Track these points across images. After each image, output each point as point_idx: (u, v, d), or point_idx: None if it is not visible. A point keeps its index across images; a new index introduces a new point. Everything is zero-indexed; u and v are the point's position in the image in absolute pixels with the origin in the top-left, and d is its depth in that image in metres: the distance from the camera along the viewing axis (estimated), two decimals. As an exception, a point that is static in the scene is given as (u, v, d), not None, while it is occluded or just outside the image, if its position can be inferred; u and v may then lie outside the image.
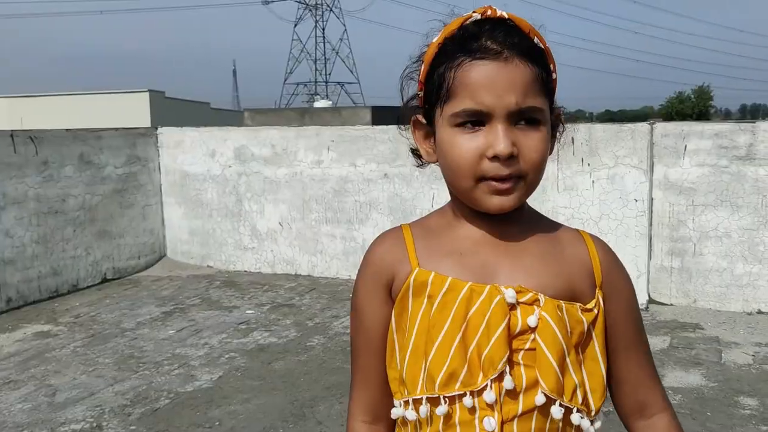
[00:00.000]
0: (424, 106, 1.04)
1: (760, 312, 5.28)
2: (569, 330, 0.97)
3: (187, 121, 7.39)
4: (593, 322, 1.01)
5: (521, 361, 0.96)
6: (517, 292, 0.97)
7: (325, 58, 69.33)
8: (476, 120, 0.96)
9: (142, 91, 29.21)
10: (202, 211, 7.21)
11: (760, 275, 5.27)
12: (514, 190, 0.97)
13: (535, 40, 0.98)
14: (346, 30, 70.20)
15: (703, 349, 4.64)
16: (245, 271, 7.05)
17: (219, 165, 7.08)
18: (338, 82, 69.49)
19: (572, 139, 5.57)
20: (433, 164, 1.08)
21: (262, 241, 7.00)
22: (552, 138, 1.05)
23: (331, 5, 69.06)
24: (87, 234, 6.52)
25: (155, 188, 7.30)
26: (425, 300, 1.00)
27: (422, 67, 1.03)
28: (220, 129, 7.14)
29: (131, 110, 25.73)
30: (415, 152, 1.10)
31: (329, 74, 69.80)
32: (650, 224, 5.52)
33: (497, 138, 0.94)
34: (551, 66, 1.01)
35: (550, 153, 1.06)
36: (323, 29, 69.31)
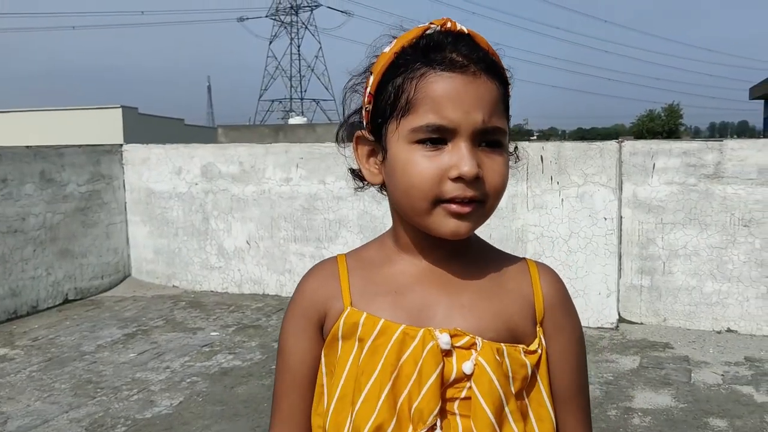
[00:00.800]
0: (370, 121, 0.93)
1: (729, 330, 5.27)
2: (510, 376, 0.89)
3: (161, 138, 7.26)
4: (537, 364, 0.92)
5: (456, 411, 0.88)
6: (452, 336, 0.88)
7: (300, 75, 69.39)
8: (437, 137, 0.86)
9: (114, 107, 28.86)
10: (168, 229, 7.06)
11: (729, 293, 5.26)
12: (472, 216, 0.88)
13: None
14: (321, 47, 70.36)
15: (673, 368, 4.60)
16: (211, 291, 6.90)
17: (185, 182, 6.94)
18: (313, 99, 69.49)
19: (541, 157, 5.57)
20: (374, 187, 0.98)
21: (229, 260, 6.86)
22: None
23: (306, 23, 69.27)
24: (48, 253, 6.33)
25: (120, 206, 7.14)
26: (356, 343, 0.91)
27: (371, 79, 0.92)
28: (187, 146, 7.01)
29: (104, 127, 25.38)
30: (354, 172, 1.00)
31: (304, 91, 69.84)
32: (620, 242, 5.50)
33: (462, 158, 0.85)
34: (510, 88, 0.94)
35: None
36: (298, 46, 69.45)
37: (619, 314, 5.54)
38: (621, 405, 4.00)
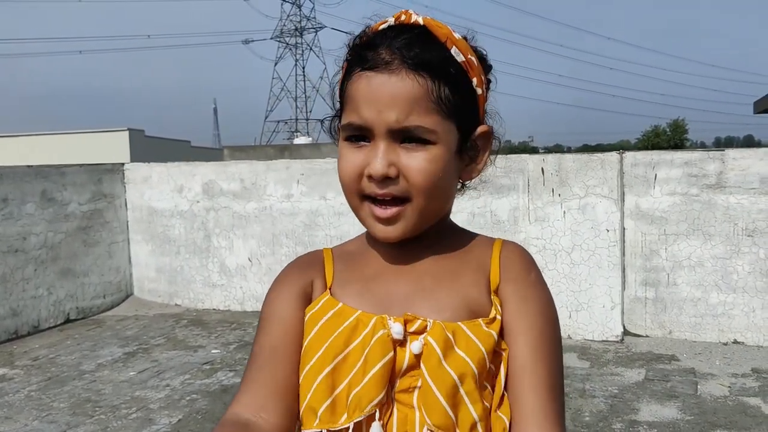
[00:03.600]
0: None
1: (735, 342, 5.19)
2: (467, 354, 0.84)
3: (167, 160, 7.26)
4: (500, 334, 0.88)
5: (415, 404, 0.84)
6: (406, 322, 0.86)
7: (305, 95, 69.77)
8: (360, 135, 0.88)
9: (121, 129, 29.07)
10: (170, 247, 7.05)
11: (735, 304, 5.19)
12: (398, 219, 0.89)
13: (453, 50, 0.89)
14: (326, 68, 70.77)
15: (679, 381, 4.53)
16: (213, 309, 6.87)
17: (187, 200, 6.94)
18: (319, 119, 69.26)
19: (542, 169, 5.54)
20: None
21: (231, 277, 6.84)
22: (476, 158, 0.95)
23: (311, 44, 69.76)
24: (49, 273, 6.32)
25: (121, 225, 7.14)
26: (318, 322, 0.91)
27: (339, 78, 0.95)
28: (188, 164, 7.02)
29: (111, 149, 25.55)
30: None
31: (310, 111, 70.14)
32: (623, 254, 5.45)
33: (375, 157, 0.87)
34: (475, 80, 0.91)
35: (475, 175, 0.96)
36: (303, 68, 69.89)
37: (623, 327, 5.48)
38: (626, 418, 3.94)
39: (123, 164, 7.30)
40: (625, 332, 5.48)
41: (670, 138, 51.31)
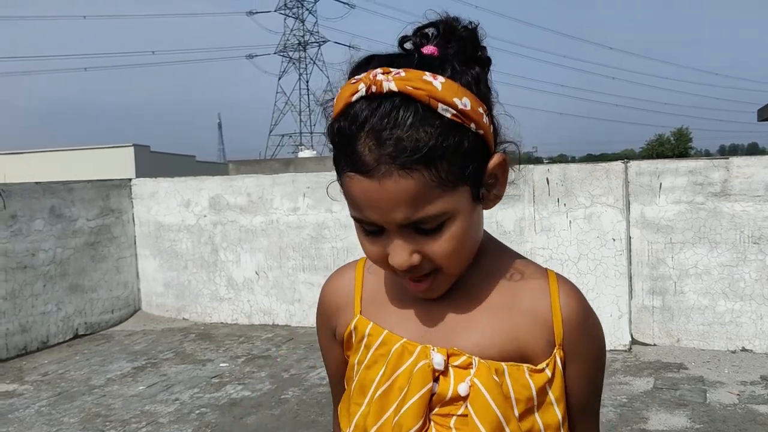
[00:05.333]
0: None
1: (744, 350, 5.18)
2: (513, 397, 0.87)
3: (172, 175, 7.32)
4: (549, 383, 0.89)
5: (453, 427, 0.88)
6: (449, 355, 0.88)
7: (309, 109, 69.94)
8: (372, 228, 0.85)
9: (126, 145, 29.23)
10: (177, 262, 7.08)
11: (742, 312, 5.19)
12: (434, 286, 0.89)
13: (440, 107, 0.79)
14: (329, 82, 70.79)
15: (688, 389, 4.52)
16: (221, 323, 6.89)
17: (194, 215, 6.98)
18: (323, 132, 69.66)
19: (547, 180, 5.56)
20: None
21: (239, 291, 6.86)
22: (496, 187, 0.89)
23: (314, 58, 70.06)
24: (58, 289, 6.36)
25: (129, 240, 7.18)
26: (361, 349, 0.95)
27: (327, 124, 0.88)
28: (195, 178, 7.06)
29: (116, 165, 25.70)
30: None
31: (314, 125, 70.23)
32: (629, 263, 5.46)
33: (394, 252, 0.85)
34: (473, 125, 0.82)
35: (497, 201, 0.91)
36: (307, 81, 70.10)
37: (631, 336, 5.47)
38: (636, 427, 3.93)
39: (130, 180, 7.35)
40: (633, 341, 5.47)
41: (674, 147, 51.29)
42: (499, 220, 5.70)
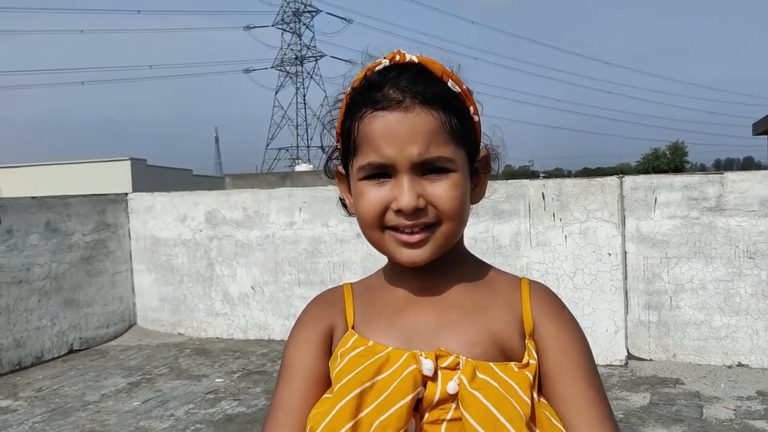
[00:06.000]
0: (342, 157, 1.00)
1: (740, 365, 5.18)
2: (516, 387, 0.88)
3: (169, 189, 7.32)
4: (535, 379, 0.91)
5: None
6: (438, 357, 0.89)
7: (306, 123, 70.10)
8: (381, 172, 0.91)
9: (123, 159, 29.20)
10: (173, 277, 7.06)
11: (738, 327, 5.19)
12: (426, 242, 0.92)
13: (450, 83, 0.93)
14: (326, 96, 70.89)
15: (684, 404, 4.52)
16: (217, 338, 6.87)
17: (190, 229, 6.98)
18: (320, 146, 69.66)
19: (542, 194, 5.58)
20: None
21: (234, 306, 6.84)
22: (479, 182, 1.00)
23: (311, 72, 70.30)
24: (53, 303, 6.34)
25: (125, 255, 7.16)
26: (345, 361, 0.93)
27: (339, 117, 0.99)
28: (191, 193, 7.06)
29: (113, 179, 25.64)
30: (342, 201, 1.05)
31: (311, 139, 70.43)
32: (625, 278, 5.46)
33: (402, 191, 0.90)
34: (471, 108, 0.96)
35: (480, 198, 1.01)
36: (304, 96, 70.33)
37: (627, 351, 5.47)
38: (632, 443, 3.92)
39: (126, 194, 7.35)
40: (629, 356, 5.47)
41: (670, 161, 51.44)
42: (495, 235, 5.70)
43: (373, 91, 0.92)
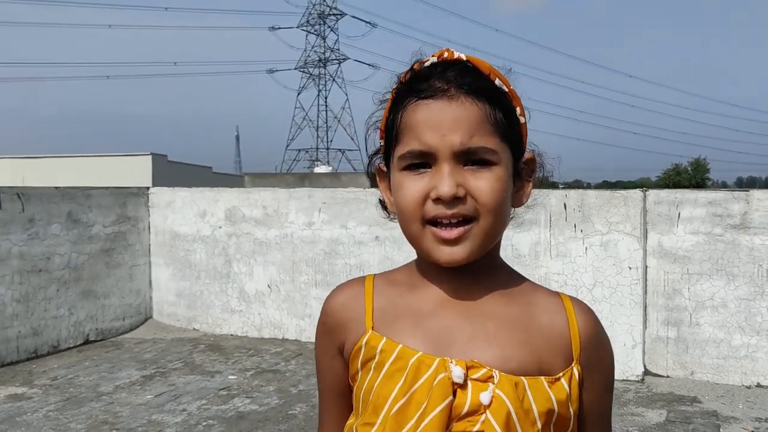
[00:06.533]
0: (384, 154, 0.99)
1: (759, 385, 5.10)
2: (535, 410, 0.87)
3: (189, 185, 7.35)
4: (570, 398, 0.90)
5: None
6: (469, 368, 0.87)
7: (327, 125, 70.36)
8: (422, 162, 0.90)
9: (144, 154, 29.39)
10: (191, 272, 7.09)
11: (759, 347, 5.11)
12: (464, 239, 0.89)
13: (497, 82, 0.93)
14: (348, 99, 71.55)
15: (701, 423, 4.45)
16: (231, 335, 6.88)
17: (209, 226, 7.00)
18: (339, 149, 70.28)
19: (564, 205, 5.53)
20: None
21: (250, 303, 6.85)
22: (522, 186, 0.98)
23: (333, 75, 70.53)
24: (71, 293, 6.38)
25: (144, 248, 7.20)
26: (372, 368, 0.92)
27: (383, 115, 0.98)
28: (212, 190, 7.09)
29: (134, 173, 25.81)
30: (382, 204, 1.03)
31: (331, 141, 70.71)
32: (645, 292, 5.40)
33: (441, 179, 0.88)
34: (518, 109, 0.95)
35: (521, 203, 0.99)
36: (326, 98, 70.59)
37: (644, 366, 5.40)
38: (647, 460, 3.87)
39: (148, 188, 7.40)
40: (646, 372, 5.40)
41: (691, 177, 50.99)
42: (515, 244, 5.67)
43: (420, 81, 0.92)
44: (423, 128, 0.89)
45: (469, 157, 0.89)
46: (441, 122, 0.88)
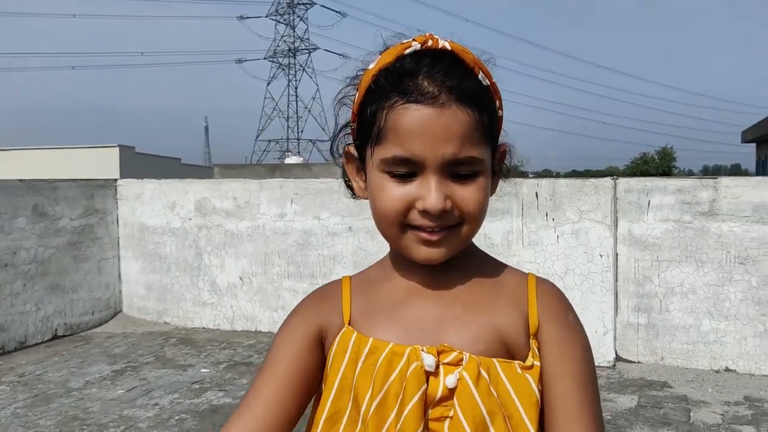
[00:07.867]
0: (356, 140, 0.95)
1: (727, 370, 5.19)
2: (512, 392, 0.86)
3: (157, 177, 7.23)
4: (539, 382, 0.89)
5: (448, 430, 0.85)
6: (440, 352, 0.86)
7: (297, 115, 69.91)
8: (407, 169, 0.87)
9: (111, 146, 28.95)
10: (161, 265, 7.00)
11: (727, 332, 5.20)
12: (444, 242, 0.89)
13: (480, 75, 0.90)
14: (318, 89, 71.10)
15: (672, 408, 4.52)
16: (203, 328, 6.81)
17: (179, 218, 6.91)
18: (310, 140, 69.86)
19: (536, 194, 5.56)
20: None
21: (222, 296, 6.79)
22: (496, 177, 0.97)
23: (303, 65, 70.06)
24: (38, 288, 6.25)
25: (112, 241, 7.09)
26: (343, 364, 0.91)
27: (356, 97, 0.93)
28: (181, 181, 6.99)
29: (101, 165, 25.42)
30: (348, 183, 1.01)
31: (301, 131, 70.28)
32: (616, 280, 5.46)
33: (429, 192, 0.86)
34: (497, 102, 0.92)
35: (493, 193, 0.98)
36: (296, 88, 70.09)
37: (616, 353, 5.47)
38: (619, 445, 3.92)
39: (116, 180, 7.27)
40: (618, 358, 5.47)
41: (658, 165, 51.71)
42: (487, 233, 5.68)
43: (407, 78, 0.87)
44: (412, 136, 0.85)
45: (456, 167, 0.87)
46: (433, 132, 0.84)
